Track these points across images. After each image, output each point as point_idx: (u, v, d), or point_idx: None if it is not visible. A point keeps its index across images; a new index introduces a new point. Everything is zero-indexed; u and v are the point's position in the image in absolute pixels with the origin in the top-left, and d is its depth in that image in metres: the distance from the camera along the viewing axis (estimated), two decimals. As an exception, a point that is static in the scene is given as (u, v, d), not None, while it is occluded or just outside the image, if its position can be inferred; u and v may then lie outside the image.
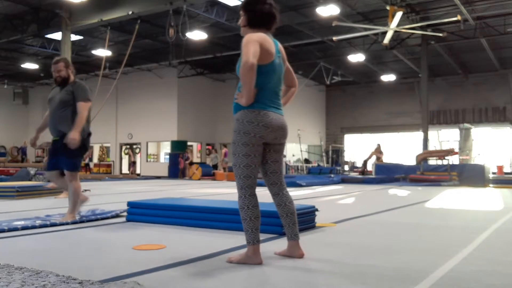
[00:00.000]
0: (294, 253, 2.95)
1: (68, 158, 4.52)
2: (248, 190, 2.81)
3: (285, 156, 21.91)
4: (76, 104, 4.57)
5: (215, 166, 21.45)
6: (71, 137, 4.36)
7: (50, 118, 4.69)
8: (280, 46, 2.95)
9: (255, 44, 2.70)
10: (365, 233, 4.13)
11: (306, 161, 24.72)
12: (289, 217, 2.93)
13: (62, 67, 4.69)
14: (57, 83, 4.74)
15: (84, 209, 5.58)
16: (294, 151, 24.70)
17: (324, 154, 25.49)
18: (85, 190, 9.67)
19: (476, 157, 22.82)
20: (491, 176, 14.16)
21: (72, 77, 4.76)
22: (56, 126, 4.61)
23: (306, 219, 4.17)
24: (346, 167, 25.67)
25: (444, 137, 25.92)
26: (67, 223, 4.41)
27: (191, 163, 22.03)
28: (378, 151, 19.68)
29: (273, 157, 2.92)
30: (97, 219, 4.79)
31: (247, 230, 2.79)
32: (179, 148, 23.75)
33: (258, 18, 2.87)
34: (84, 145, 4.59)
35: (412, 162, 18.87)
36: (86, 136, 4.61)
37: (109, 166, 26.80)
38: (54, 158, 4.63)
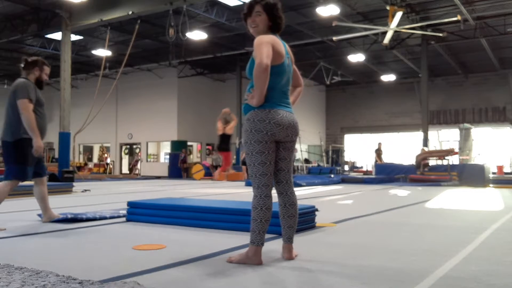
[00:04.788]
0: (283, 254, 2.95)
1: None
2: (264, 190, 2.80)
3: (296, 151, 21.73)
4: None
5: (216, 167, 21.39)
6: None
7: (45, 121, 4.54)
8: (288, 47, 2.99)
9: (268, 45, 2.72)
10: (365, 233, 4.13)
11: (306, 161, 24.72)
12: (286, 219, 2.92)
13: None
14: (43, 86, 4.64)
15: (85, 209, 5.59)
16: (294, 151, 24.66)
17: (324, 154, 25.49)
18: (85, 190, 9.68)
19: (476, 157, 22.82)
20: (491, 176, 14.16)
21: None
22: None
23: (306, 219, 4.17)
24: (346, 167, 25.68)
25: (444, 137, 25.92)
26: None
27: (184, 162, 22.16)
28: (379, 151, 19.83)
29: (281, 155, 2.91)
30: (95, 219, 4.78)
31: (254, 231, 2.78)
32: (179, 148, 23.77)
33: (280, 24, 2.93)
34: None
35: (412, 162, 18.87)
36: None
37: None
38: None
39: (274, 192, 2.87)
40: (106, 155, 27.48)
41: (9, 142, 4.27)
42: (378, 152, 19.92)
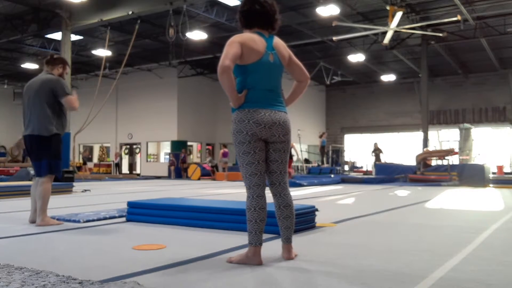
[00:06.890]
0: (283, 254, 2.95)
1: None
2: (256, 190, 2.78)
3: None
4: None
5: (215, 167, 21.43)
6: None
7: (66, 117, 4.61)
8: (277, 42, 2.88)
9: (233, 45, 2.71)
10: (365, 233, 4.13)
11: (306, 161, 24.71)
12: (282, 221, 2.90)
13: None
14: None
15: (85, 210, 5.59)
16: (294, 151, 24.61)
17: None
18: (85, 190, 9.68)
19: (476, 157, 22.81)
20: (491, 176, 14.16)
21: None
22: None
23: (306, 219, 4.17)
24: (346, 167, 25.66)
25: (444, 137, 25.92)
26: None
27: (184, 162, 22.14)
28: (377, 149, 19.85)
29: (272, 157, 2.86)
30: (99, 219, 4.78)
31: (250, 232, 2.78)
32: (179, 148, 23.76)
33: (246, 18, 2.88)
34: None
35: (412, 162, 18.87)
36: None
37: (109, 166, 26.78)
38: None
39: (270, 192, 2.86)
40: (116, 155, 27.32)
41: (46, 136, 4.35)
42: (376, 152, 19.87)
